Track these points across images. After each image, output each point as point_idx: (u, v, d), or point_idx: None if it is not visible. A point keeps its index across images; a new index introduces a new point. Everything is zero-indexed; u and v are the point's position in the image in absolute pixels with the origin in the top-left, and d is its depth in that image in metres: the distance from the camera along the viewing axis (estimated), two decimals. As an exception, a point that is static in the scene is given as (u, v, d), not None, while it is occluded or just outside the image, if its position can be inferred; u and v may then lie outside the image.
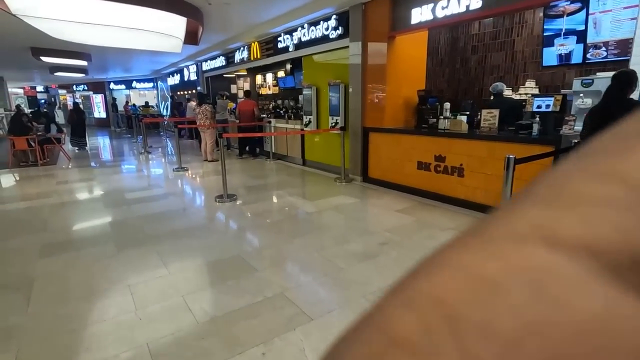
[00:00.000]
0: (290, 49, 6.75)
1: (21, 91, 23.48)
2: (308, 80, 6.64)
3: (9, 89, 18.99)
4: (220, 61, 9.94)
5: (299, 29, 6.36)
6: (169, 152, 9.72)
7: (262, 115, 8.65)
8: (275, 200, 4.73)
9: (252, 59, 8.26)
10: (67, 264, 2.81)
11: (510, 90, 5.39)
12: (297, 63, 9.62)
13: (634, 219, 0.10)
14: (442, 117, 4.78)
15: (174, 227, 3.65)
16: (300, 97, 8.57)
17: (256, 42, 7.91)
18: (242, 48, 8.57)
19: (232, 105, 10.26)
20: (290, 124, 7.42)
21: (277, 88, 11.51)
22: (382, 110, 5.22)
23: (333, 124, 5.93)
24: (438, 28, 5.66)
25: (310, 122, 6.59)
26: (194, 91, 13.55)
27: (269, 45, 7.50)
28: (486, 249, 0.11)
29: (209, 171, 6.80)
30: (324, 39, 5.86)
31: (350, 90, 5.51)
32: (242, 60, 8.78)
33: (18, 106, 9.87)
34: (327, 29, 5.72)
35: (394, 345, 0.10)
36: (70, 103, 19.95)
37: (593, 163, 0.12)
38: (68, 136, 10.96)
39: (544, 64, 5.18)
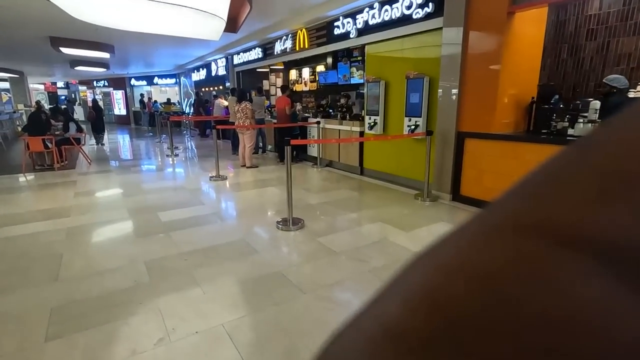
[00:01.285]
0: (352, 35, 5.60)
1: (42, 87, 23.06)
2: (373, 72, 5.49)
3: (30, 85, 18.48)
4: (255, 53, 8.87)
5: (366, 9, 5.20)
6: (195, 154, 8.71)
7: (305, 115, 7.54)
8: (355, 227, 3.60)
9: (297, 49, 7.15)
10: None
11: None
12: (341, 56, 8.50)
13: (627, 212, 0.10)
14: (581, 120, 3.57)
15: (235, 274, 2.55)
16: (352, 94, 7.46)
17: (304, 30, 6.80)
18: (284, 37, 7.47)
19: (266, 102, 9.22)
20: (344, 125, 6.28)
21: (314, 84, 10.42)
22: (487, 110, 4.03)
23: (412, 128, 4.76)
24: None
25: (375, 123, 5.44)
26: (221, 87, 12.60)
27: (321, 32, 6.38)
28: (482, 243, 0.11)
29: (252, 181, 5.72)
30: (404, 20, 4.70)
31: (441, 85, 4.34)
32: (283, 52, 7.67)
33: (38, 102, 9.06)
34: (409, 6, 4.55)
35: (387, 335, 0.11)
36: (90, 99, 19.33)
37: (584, 155, 0.12)
38: (89, 134, 10.11)
39: None
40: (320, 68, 9.97)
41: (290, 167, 3.42)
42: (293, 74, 11.45)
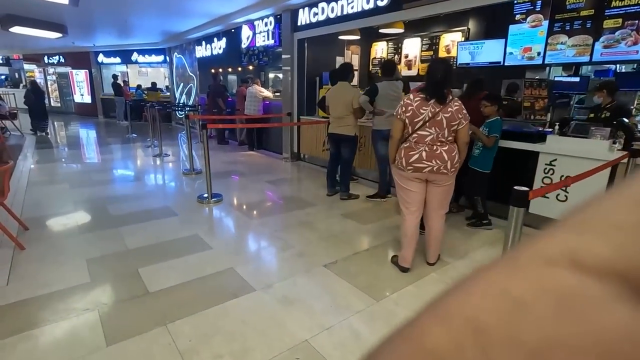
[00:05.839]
0: None
1: (-29, 62, 17.22)
2: None
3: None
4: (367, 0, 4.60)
5: None
6: (253, 195, 4.43)
7: (530, 127, 3.45)
8: None
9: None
10: None
11: None
12: (518, 12, 4.49)
13: None
14: None
15: None
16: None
17: None
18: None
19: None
20: None
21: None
22: None
23: None
24: None
25: None
26: (250, 68, 8.20)
27: None
28: (516, 270, 0.12)
29: None
30: None
31: None
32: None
33: None
34: None
35: (424, 354, 0.11)
36: (40, 82, 14.04)
37: (627, 190, 0.13)
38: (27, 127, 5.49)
39: None
40: (455, 36, 5.87)
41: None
42: (379, 49, 7.24)
